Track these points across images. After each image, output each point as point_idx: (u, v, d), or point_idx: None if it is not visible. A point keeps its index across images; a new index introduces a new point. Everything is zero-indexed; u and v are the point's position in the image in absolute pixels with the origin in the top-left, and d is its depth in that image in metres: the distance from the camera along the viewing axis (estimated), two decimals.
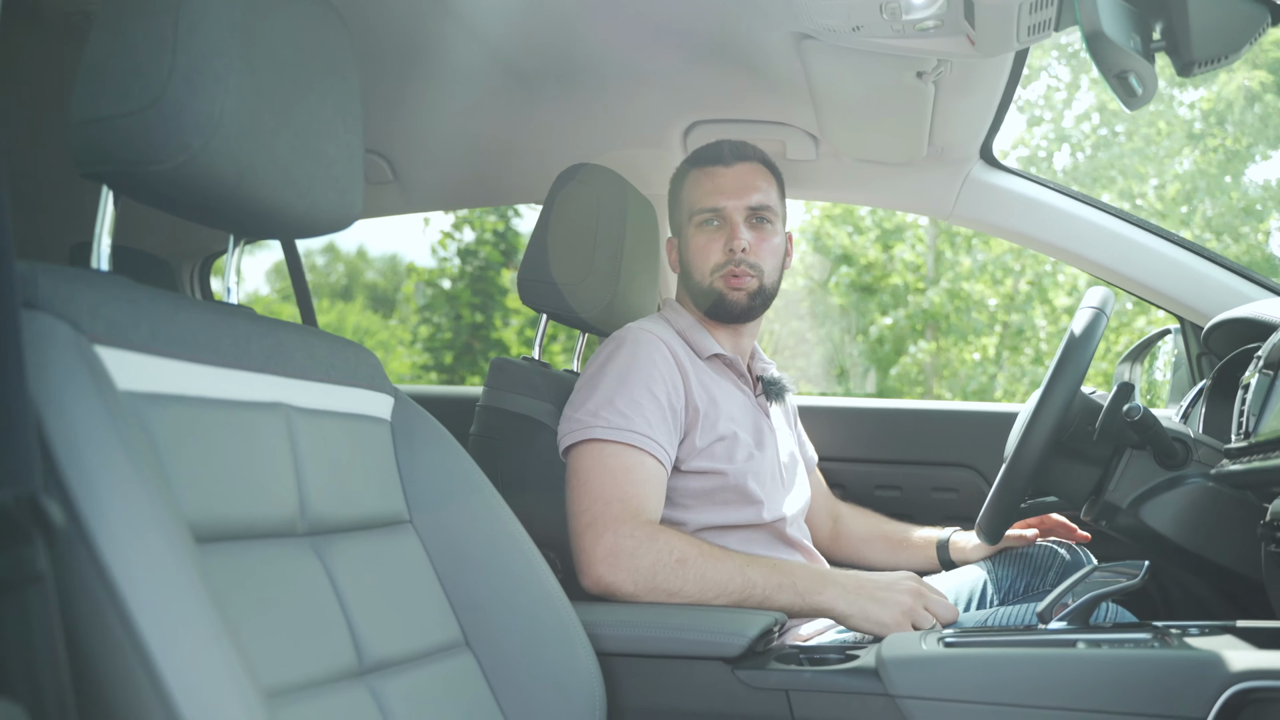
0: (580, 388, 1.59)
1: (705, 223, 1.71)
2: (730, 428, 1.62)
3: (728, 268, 1.68)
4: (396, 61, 1.80)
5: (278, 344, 1.00)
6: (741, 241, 1.68)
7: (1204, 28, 1.26)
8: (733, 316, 1.72)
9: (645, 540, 1.41)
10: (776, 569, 1.44)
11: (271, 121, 0.93)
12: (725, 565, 1.42)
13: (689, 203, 1.74)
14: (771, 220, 1.73)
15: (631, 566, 1.40)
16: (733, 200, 1.70)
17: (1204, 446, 1.51)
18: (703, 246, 1.71)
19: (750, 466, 1.62)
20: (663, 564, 1.40)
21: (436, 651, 1.06)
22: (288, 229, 1.04)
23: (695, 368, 1.65)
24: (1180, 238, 2.00)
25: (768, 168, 1.76)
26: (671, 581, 1.40)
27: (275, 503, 0.93)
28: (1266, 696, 1.01)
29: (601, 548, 1.41)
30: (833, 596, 1.42)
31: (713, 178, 1.72)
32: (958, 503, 2.26)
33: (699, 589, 1.40)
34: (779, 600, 1.41)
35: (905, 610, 1.40)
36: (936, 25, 1.41)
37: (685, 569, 1.40)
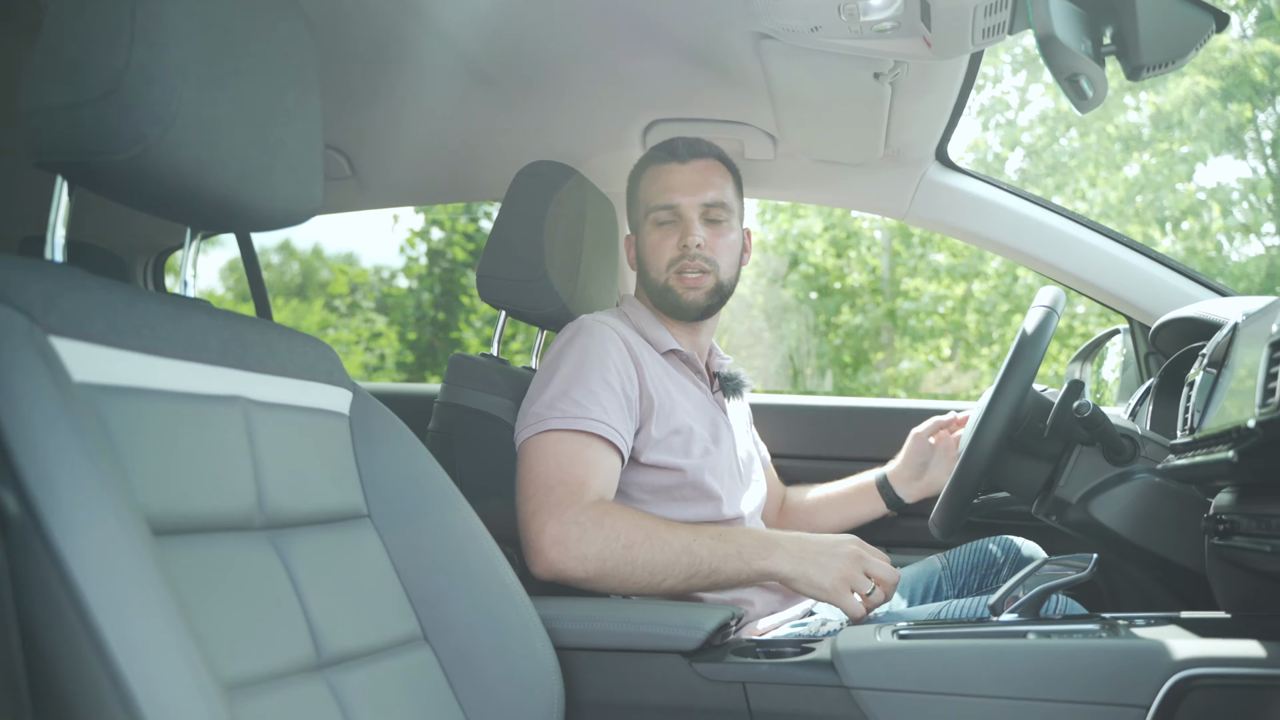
0: (536, 381, 1.60)
1: (661, 220, 1.72)
2: (686, 422, 1.63)
3: (682, 262, 1.69)
4: (355, 56, 1.79)
5: (236, 337, 0.99)
6: (696, 237, 1.69)
7: (1152, 33, 1.29)
8: (689, 315, 1.73)
9: (591, 525, 1.40)
10: (722, 538, 1.45)
11: (230, 113, 0.93)
12: (672, 545, 1.42)
13: (645, 200, 1.75)
14: (726, 217, 1.74)
15: (580, 553, 1.39)
16: (687, 197, 1.71)
17: (1151, 443, 1.54)
18: (658, 243, 1.72)
19: (707, 462, 1.63)
20: (610, 550, 1.40)
21: (395, 646, 1.06)
22: (246, 222, 1.03)
23: (651, 361, 1.65)
24: (1129, 239, 2.04)
25: (724, 164, 1.77)
26: (621, 567, 1.40)
27: (233, 496, 0.92)
28: (1208, 683, 1.04)
29: (548, 535, 1.41)
30: (777, 560, 1.43)
31: (668, 175, 1.73)
32: None
33: (648, 572, 1.40)
34: (726, 570, 1.42)
35: (845, 577, 1.42)
36: (894, 27, 1.43)
37: (633, 554, 1.40)
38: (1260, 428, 1.00)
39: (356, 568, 1.06)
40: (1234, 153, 12.16)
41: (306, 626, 0.95)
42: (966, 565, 1.82)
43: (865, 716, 1.15)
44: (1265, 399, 1.02)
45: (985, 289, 11.54)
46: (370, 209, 2.43)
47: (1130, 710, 1.06)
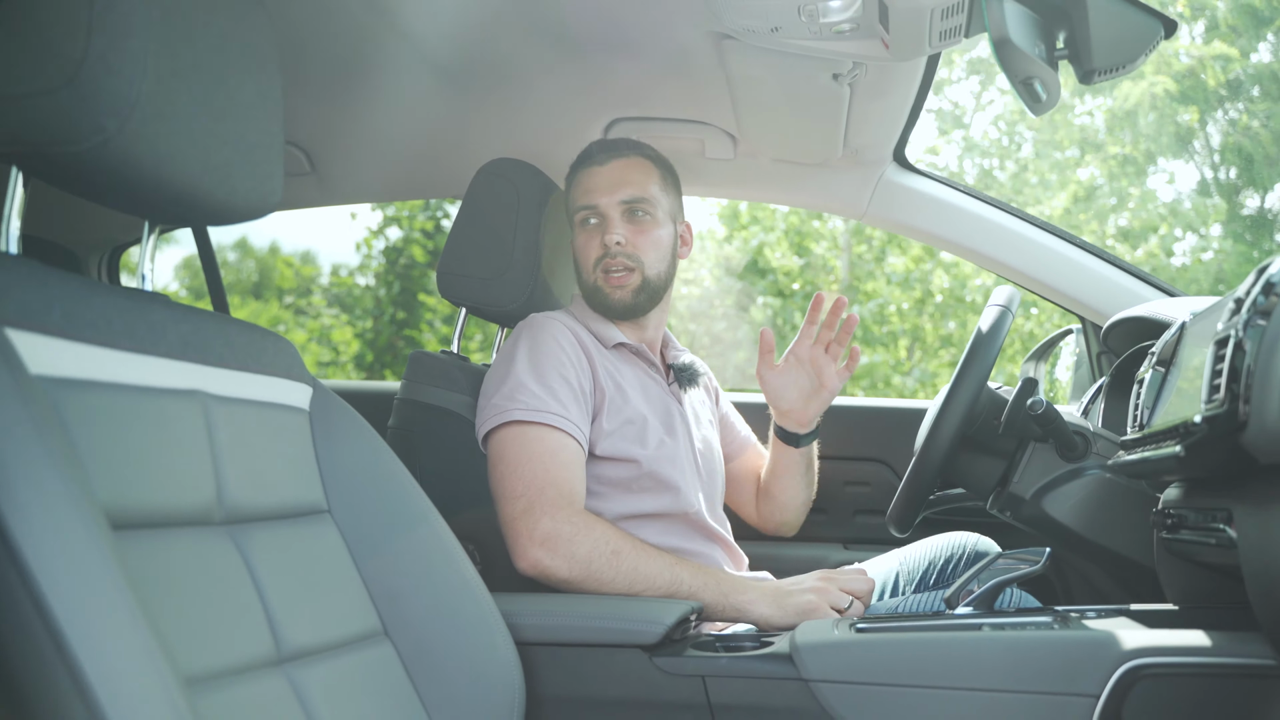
0: (491, 376, 1.61)
1: (584, 221, 1.74)
2: (639, 412, 1.64)
3: (605, 261, 1.70)
4: (315, 51, 1.77)
5: (194, 331, 0.99)
6: (615, 235, 1.69)
7: (1104, 38, 1.31)
8: (617, 313, 1.73)
9: (583, 528, 1.44)
10: (701, 570, 1.49)
11: (190, 105, 0.92)
12: (655, 561, 1.45)
13: (571, 203, 1.77)
14: (650, 211, 1.73)
15: (568, 553, 1.42)
16: (605, 196, 1.72)
17: (1102, 439, 1.57)
18: (584, 244, 1.73)
19: (662, 453, 1.64)
20: (599, 553, 1.43)
21: (355, 641, 1.06)
22: (205, 215, 1.02)
23: (601, 354, 1.67)
24: (1083, 240, 2.07)
25: (648, 160, 1.77)
26: (605, 571, 1.42)
27: (192, 491, 0.92)
28: (1156, 672, 1.07)
29: (539, 532, 1.43)
30: (753, 599, 1.47)
31: (588, 177, 1.75)
32: (870, 495, 2.31)
33: (629, 581, 1.43)
34: (704, 597, 1.46)
35: (820, 593, 1.46)
36: (852, 28, 1.44)
37: (619, 560, 1.43)
38: (1205, 423, 1.03)
39: (316, 563, 1.06)
40: (1183, 158, 12.39)
41: (266, 621, 0.94)
42: (923, 561, 1.85)
43: (823, 708, 1.16)
44: (1210, 395, 1.04)
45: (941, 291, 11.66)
46: (330, 205, 2.42)
47: (1081, 700, 1.08)
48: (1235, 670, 1.06)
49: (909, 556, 1.88)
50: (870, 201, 2.13)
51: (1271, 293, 1.00)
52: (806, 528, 2.32)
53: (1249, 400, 0.97)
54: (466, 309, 1.84)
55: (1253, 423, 0.97)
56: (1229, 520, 1.09)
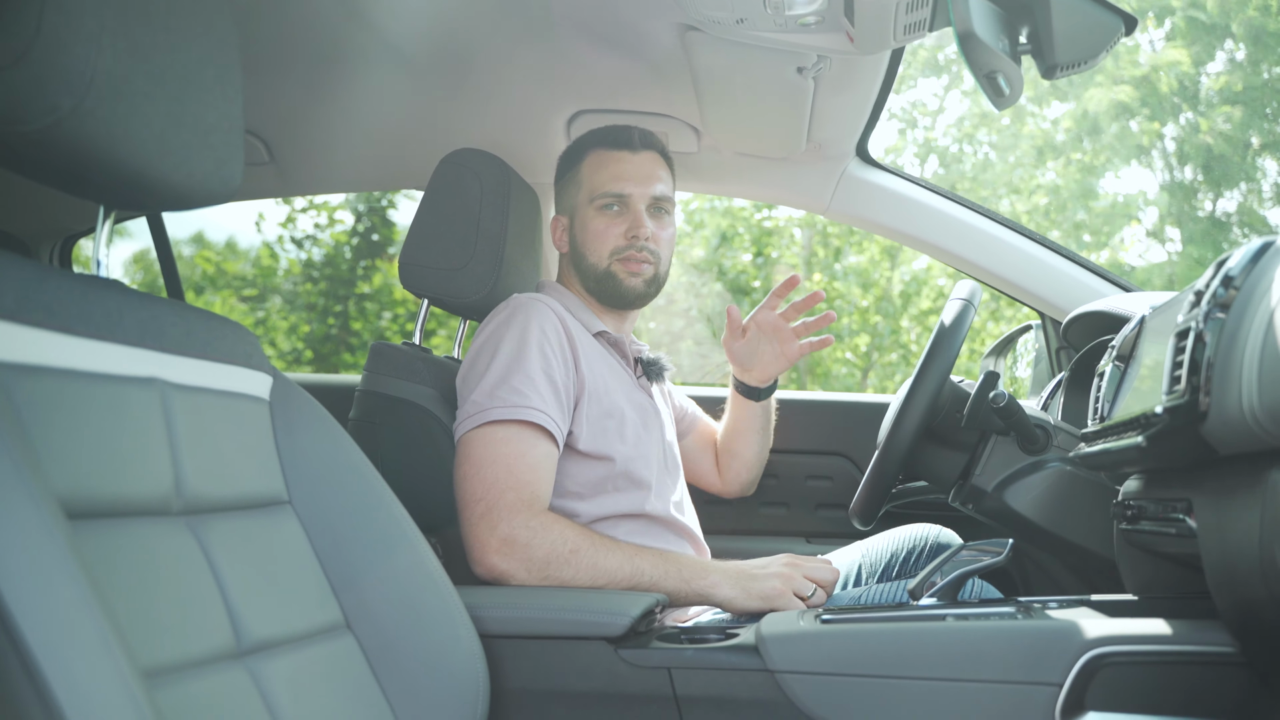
0: (471, 364, 1.58)
1: (606, 207, 1.72)
2: (618, 405, 1.64)
3: (628, 252, 1.71)
4: (274, 38, 1.75)
5: (152, 318, 0.96)
6: (646, 229, 1.70)
7: (1066, 34, 1.33)
8: (627, 302, 1.74)
9: (540, 530, 1.42)
10: (663, 558, 1.48)
11: (147, 85, 0.90)
12: (615, 554, 1.44)
13: (590, 184, 1.74)
14: (669, 211, 1.77)
15: (525, 557, 1.41)
16: (638, 188, 1.72)
17: (1063, 432, 1.58)
18: (602, 230, 1.72)
19: (639, 450, 1.63)
20: (556, 554, 1.42)
21: (317, 633, 1.04)
22: (162, 200, 1.00)
23: (583, 340, 1.65)
24: (1043, 237, 2.09)
25: (665, 158, 1.80)
26: (564, 571, 1.42)
27: (149, 480, 0.90)
28: (1118, 660, 1.08)
29: (496, 537, 1.42)
30: (716, 582, 1.46)
31: (619, 163, 1.73)
32: (832, 490, 2.32)
33: (590, 577, 1.42)
34: (666, 586, 1.45)
35: (785, 579, 1.46)
36: (817, 21, 1.45)
37: (578, 558, 1.42)
38: (1167, 413, 1.04)
39: (277, 555, 1.04)
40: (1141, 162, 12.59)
41: (226, 613, 0.92)
42: (885, 553, 1.86)
43: (789, 699, 1.16)
44: (1171, 386, 1.05)
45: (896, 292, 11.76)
46: (289, 196, 2.39)
47: (1045, 688, 1.09)
48: (1196, 657, 1.07)
49: (871, 549, 1.89)
50: (833, 196, 2.14)
51: (1230, 285, 1.01)
52: (768, 521, 2.33)
53: (1209, 391, 0.98)
54: (428, 301, 1.82)
55: (1213, 413, 0.98)
56: (1189, 510, 1.10)
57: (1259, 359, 0.93)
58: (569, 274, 1.80)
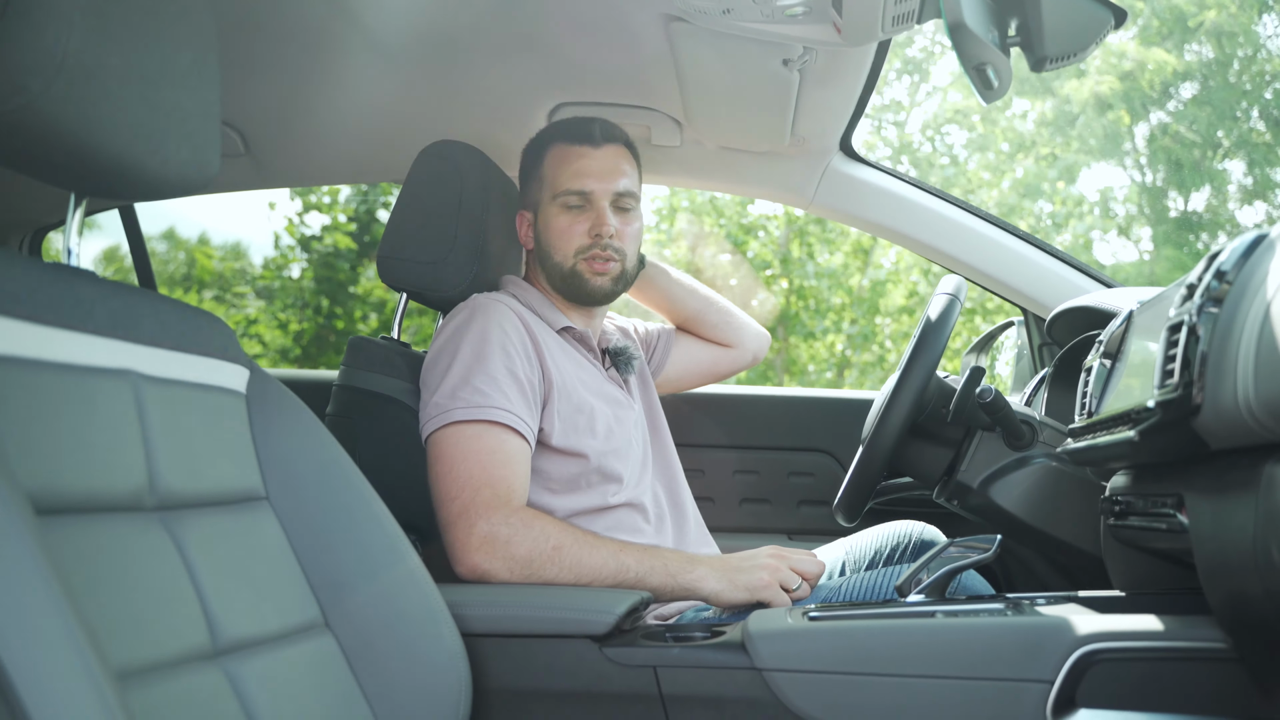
0: (433, 364, 1.56)
1: (570, 205, 1.69)
2: (587, 400, 1.61)
3: (593, 251, 1.67)
4: (250, 27, 1.71)
5: (124, 308, 0.93)
6: (610, 227, 1.67)
7: (1055, 26, 1.32)
8: (594, 300, 1.72)
9: (520, 528, 1.40)
10: (648, 553, 1.45)
11: (120, 67, 0.87)
12: (599, 551, 1.42)
13: (552, 181, 1.71)
14: (635, 205, 1.74)
15: (507, 554, 1.38)
16: (601, 184, 1.69)
17: (1049, 428, 1.58)
18: (565, 228, 1.69)
19: (611, 444, 1.61)
20: (539, 551, 1.39)
21: (295, 632, 1.01)
22: (136, 188, 0.97)
23: (546, 338, 1.63)
24: (1026, 233, 2.09)
25: (630, 150, 1.76)
26: (547, 569, 1.39)
27: (121, 475, 0.87)
28: (1110, 656, 1.07)
29: (476, 536, 1.39)
30: (701, 575, 1.44)
31: (581, 158, 1.70)
32: (814, 486, 2.31)
33: (574, 575, 1.40)
34: (652, 582, 1.42)
35: (772, 571, 1.44)
36: (805, 12, 1.43)
37: (561, 555, 1.39)
38: (1159, 407, 1.03)
39: (254, 551, 1.01)
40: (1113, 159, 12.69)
41: (201, 612, 0.90)
42: (869, 550, 1.85)
43: (776, 698, 1.14)
44: (1164, 380, 1.04)
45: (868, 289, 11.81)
46: (265, 189, 2.35)
47: (1036, 685, 1.08)
48: (1187, 653, 1.07)
49: (854, 545, 1.87)
50: (817, 191, 2.13)
51: (1224, 279, 1.00)
52: (750, 518, 2.32)
53: (1203, 385, 0.97)
54: (407, 294, 1.79)
55: (1206, 407, 0.97)
56: (1179, 506, 1.10)
57: (1255, 353, 0.92)
58: (535, 270, 1.77)
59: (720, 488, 2.33)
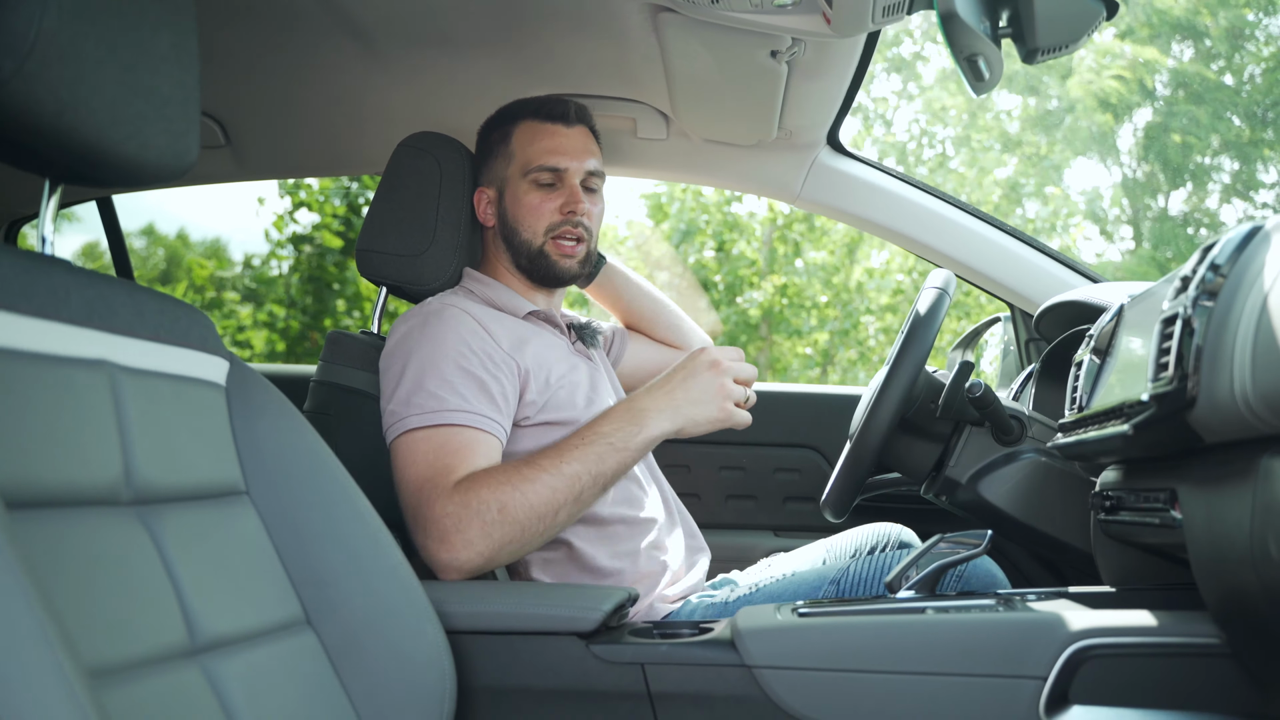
0: (385, 370, 1.52)
1: (542, 182, 1.67)
2: (563, 373, 1.60)
3: (563, 228, 1.66)
4: (228, 14, 1.69)
5: (101, 297, 0.91)
6: (584, 204, 1.66)
7: (1048, 17, 1.31)
8: (559, 281, 1.71)
9: (460, 506, 1.34)
10: (587, 440, 1.40)
11: (97, 50, 0.85)
12: (541, 480, 1.36)
13: (524, 157, 1.69)
14: (600, 186, 1.74)
15: (464, 540, 1.33)
16: (574, 162, 1.68)
17: (1037, 423, 1.57)
18: (536, 205, 1.67)
19: (594, 408, 1.60)
20: (488, 521, 1.33)
21: (275, 630, 0.99)
22: (113, 175, 0.94)
23: (511, 328, 1.60)
24: (1014, 228, 2.08)
25: (595, 134, 1.76)
26: (508, 531, 1.34)
27: (97, 468, 0.84)
28: (1103, 652, 1.06)
29: (431, 538, 1.34)
30: (652, 424, 1.41)
31: (553, 135, 1.69)
32: (800, 483, 2.30)
33: (537, 520, 1.35)
34: (608, 467, 1.39)
35: (722, 395, 1.42)
36: (795, 2, 1.42)
37: (509, 513, 1.34)
38: (1154, 401, 1.02)
39: (233, 547, 0.99)
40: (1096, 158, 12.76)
41: (179, 609, 0.87)
42: (849, 549, 1.83)
43: (766, 695, 1.13)
44: (1158, 373, 1.03)
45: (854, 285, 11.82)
46: (245, 181, 2.32)
47: (1028, 682, 1.07)
48: (1181, 649, 1.06)
49: (834, 546, 1.86)
50: (803, 185, 2.11)
51: (1218, 272, 0.99)
52: (736, 515, 2.31)
53: (1198, 378, 0.96)
54: (387, 288, 1.77)
55: (1202, 400, 0.96)
56: (1172, 501, 1.09)
57: (1252, 345, 0.91)
58: (496, 250, 1.73)
59: (706, 484, 2.32)
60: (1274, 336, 0.87)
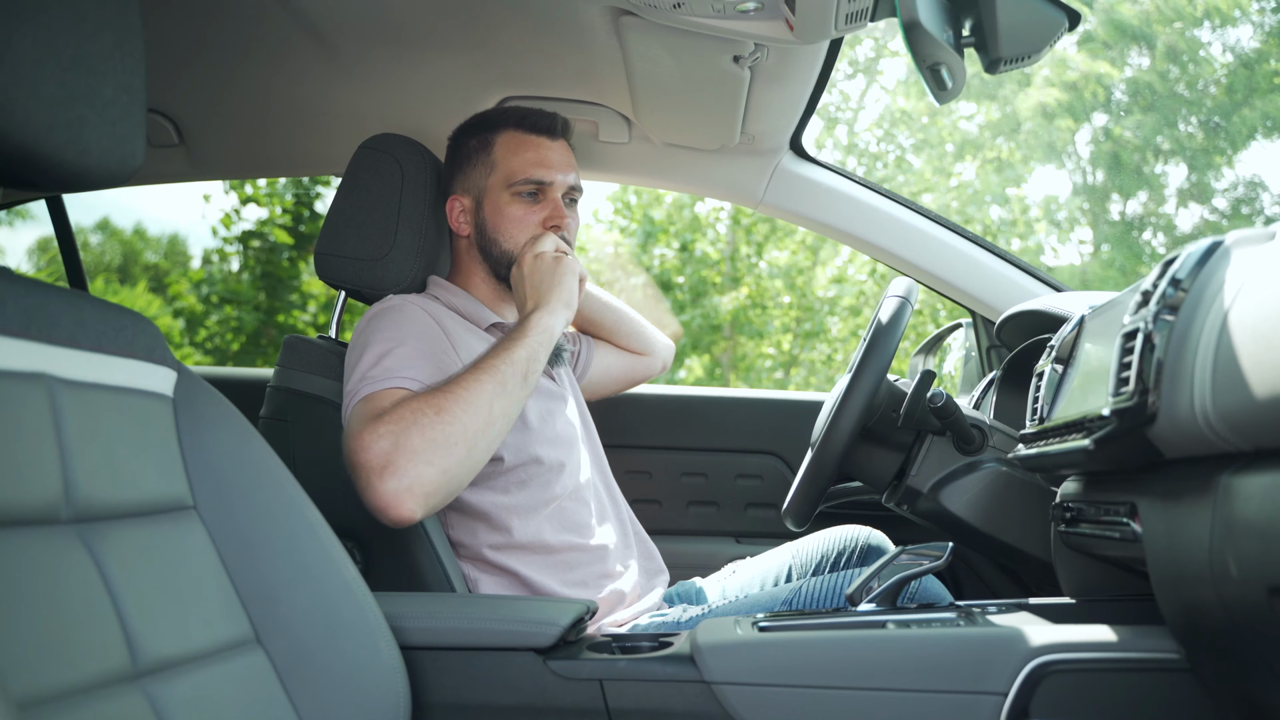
0: (346, 364, 1.50)
1: (525, 193, 1.66)
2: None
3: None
4: (182, 10, 1.65)
5: (40, 307, 0.88)
6: (567, 219, 1.66)
7: (1010, 28, 1.31)
8: None
9: (393, 422, 1.29)
10: (497, 364, 1.40)
11: (34, 50, 0.81)
12: (473, 386, 1.36)
13: (507, 168, 1.66)
14: (579, 200, 1.73)
15: (408, 456, 1.27)
16: (559, 175, 1.67)
17: (999, 433, 1.57)
18: (519, 217, 1.65)
19: (545, 434, 1.59)
20: (425, 426, 1.29)
21: (223, 649, 0.96)
22: (53, 180, 0.91)
23: (465, 337, 1.58)
24: (977, 235, 2.08)
25: (572, 148, 1.75)
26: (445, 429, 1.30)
27: (34, 486, 0.81)
28: (1063, 668, 1.05)
29: (372, 473, 1.27)
30: (544, 327, 1.47)
31: (539, 148, 1.67)
32: (761, 489, 2.29)
33: (465, 445, 1.31)
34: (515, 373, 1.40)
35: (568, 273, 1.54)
36: (757, 8, 1.40)
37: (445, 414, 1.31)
38: (1114, 416, 1.01)
39: (179, 564, 0.96)
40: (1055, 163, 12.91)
41: (120, 631, 0.84)
42: (815, 554, 1.83)
43: (726, 711, 1.11)
44: (1118, 388, 1.03)
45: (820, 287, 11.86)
46: (199, 180, 2.27)
47: (989, 698, 1.06)
48: (1141, 664, 1.06)
49: (801, 549, 1.85)
50: (766, 190, 2.10)
51: (1179, 287, 0.99)
52: (697, 521, 2.30)
53: (1159, 394, 0.96)
54: (346, 292, 1.73)
55: (1162, 416, 0.96)
56: (1132, 514, 1.09)
57: (1212, 363, 0.91)
58: (470, 260, 1.71)
59: (667, 490, 2.30)
60: (1234, 354, 0.87)
